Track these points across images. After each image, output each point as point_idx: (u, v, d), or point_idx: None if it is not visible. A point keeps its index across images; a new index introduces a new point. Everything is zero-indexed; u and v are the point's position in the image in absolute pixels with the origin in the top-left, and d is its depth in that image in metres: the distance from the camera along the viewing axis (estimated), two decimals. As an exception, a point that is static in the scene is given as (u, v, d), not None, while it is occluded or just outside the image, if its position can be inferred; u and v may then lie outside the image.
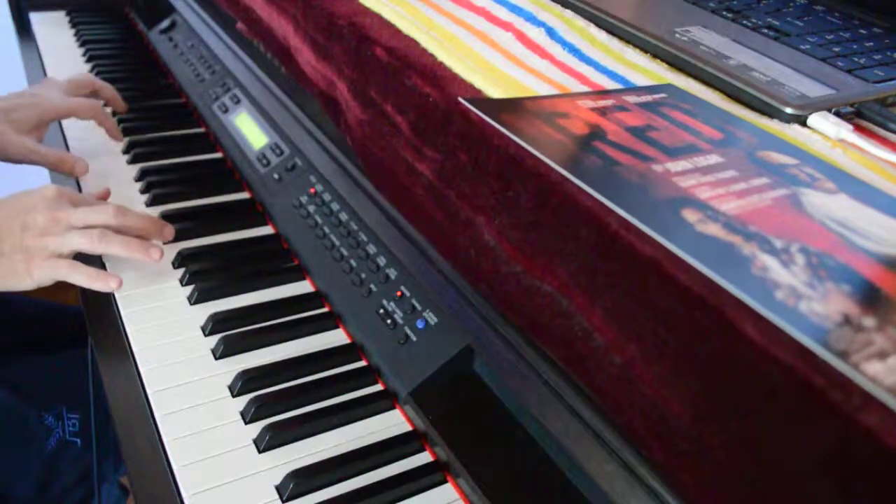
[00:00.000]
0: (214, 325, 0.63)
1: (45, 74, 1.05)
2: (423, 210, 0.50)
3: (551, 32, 0.58)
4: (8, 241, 0.62)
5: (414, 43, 0.54)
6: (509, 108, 0.44)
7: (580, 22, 0.60)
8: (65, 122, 0.91)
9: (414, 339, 0.57)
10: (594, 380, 0.37)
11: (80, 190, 0.80)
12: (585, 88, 0.50)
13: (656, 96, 0.48)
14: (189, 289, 0.67)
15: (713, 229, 0.33)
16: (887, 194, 0.40)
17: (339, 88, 0.59)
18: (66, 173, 0.79)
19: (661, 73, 0.53)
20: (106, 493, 0.84)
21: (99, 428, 0.82)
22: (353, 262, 0.65)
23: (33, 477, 0.79)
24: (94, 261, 0.68)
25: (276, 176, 0.77)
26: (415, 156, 0.50)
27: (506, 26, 0.59)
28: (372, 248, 0.64)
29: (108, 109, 0.90)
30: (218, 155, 0.89)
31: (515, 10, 0.61)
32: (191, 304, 0.66)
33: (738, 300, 0.29)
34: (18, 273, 0.62)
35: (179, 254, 0.70)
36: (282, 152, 0.78)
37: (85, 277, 0.63)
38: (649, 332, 0.32)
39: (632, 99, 0.47)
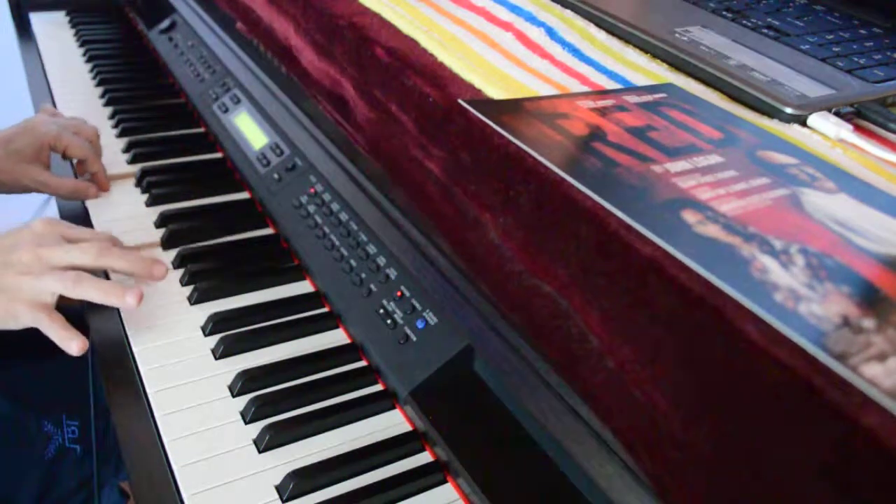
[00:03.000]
0: (214, 325, 0.63)
1: (45, 74, 1.05)
2: (436, 207, 0.50)
3: (551, 32, 0.58)
4: None
5: (414, 43, 0.54)
6: (509, 109, 0.44)
7: (580, 22, 0.60)
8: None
9: (414, 339, 0.57)
10: (587, 382, 0.37)
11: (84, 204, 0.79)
12: (585, 88, 0.50)
13: (656, 96, 0.48)
14: (189, 289, 0.67)
15: (713, 231, 0.33)
16: (887, 194, 0.40)
17: (346, 87, 0.59)
18: (83, 199, 0.78)
19: (661, 73, 0.53)
20: (106, 498, 0.84)
21: (98, 433, 0.82)
22: (353, 262, 0.65)
23: (33, 484, 0.79)
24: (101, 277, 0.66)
25: (276, 176, 0.77)
26: (423, 154, 0.50)
27: (506, 26, 0.59)
28: (372, 248, 0.64)
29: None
30: (218, 155, 0.89)
31: (515, 10, 0.61)
32: (191, 304, 0.66)
33: (737, 302, 0.29)
34: (3, 314, 0.59)
35: (179, 254, 0.70)
36: (282, 152, 0.78)
37: (57, 332, 0.59)
38: (646, 333, 0.32)
39: (632, 99, 0.47)
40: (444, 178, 0.48)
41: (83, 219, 0.76)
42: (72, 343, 0.59)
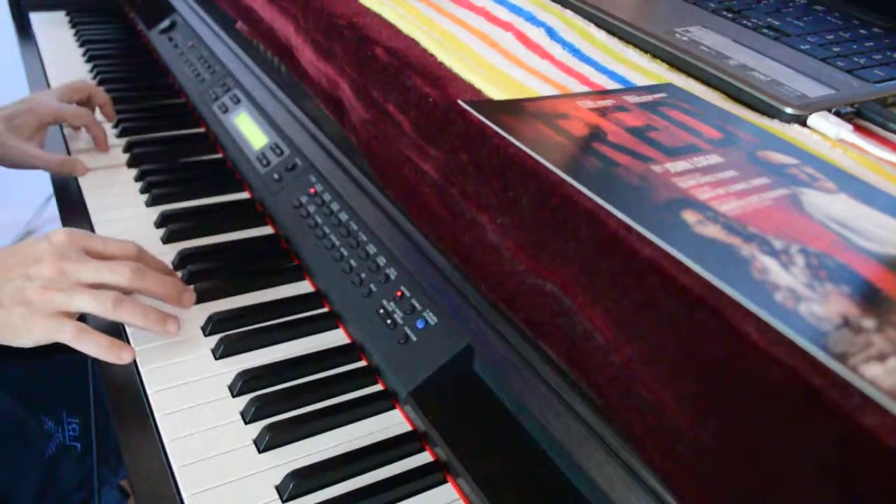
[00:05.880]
0: (214, 325, 0.63)
1: (45, 74, 1.05)
2: (430, 209, 0.50)
3: (551, 32, 0.58)
4: (8, 291, 0.55)
5: (414, 43, 0.54)
6: (508, 109, 0.44)
7: (580, 22, 0.60)
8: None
9: (414, 339, 0.57)
10: (593, 380, 0.37)
11: (80, 192, 0.80)
12: (585, 88, 0.50)
13: (656, 96, 0.48)
14: (189, 289, 0.67)
15: (713, 231, 0.33)
16: (887, 194, 0.40)
17: (343, 88, 0.59)
18: (69, 174, 0.81)
19: (661, 73, 0.53)
20: (106, 496, 0.84)
21: (99, 431, 0.82)
22: (353, 262, 0.65)
23: (33, 482, 0.79)
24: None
25: (276, 176, 0.77)
26: (419, 155, 0.50)
27: (506, 26, 0.59)
28: (372, 248, 0.64)
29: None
30: (218, 155, 0.89)
31: (515, 10, 0.61)
32: (191, 304, 0.66)
33: (737, 302, 0.29)
34: (17, 328, 0.55)
35: (179, 254, 0.70)
36: (282, 152, 0.78)
37: (95, 347, 0.56)
38: (649, 332, 0.32)
39: (632, 99, 0.47)
40: (444, 178, 0.48)
41: (84, 219, 0.76)
42: (122, 353, 0.56)
